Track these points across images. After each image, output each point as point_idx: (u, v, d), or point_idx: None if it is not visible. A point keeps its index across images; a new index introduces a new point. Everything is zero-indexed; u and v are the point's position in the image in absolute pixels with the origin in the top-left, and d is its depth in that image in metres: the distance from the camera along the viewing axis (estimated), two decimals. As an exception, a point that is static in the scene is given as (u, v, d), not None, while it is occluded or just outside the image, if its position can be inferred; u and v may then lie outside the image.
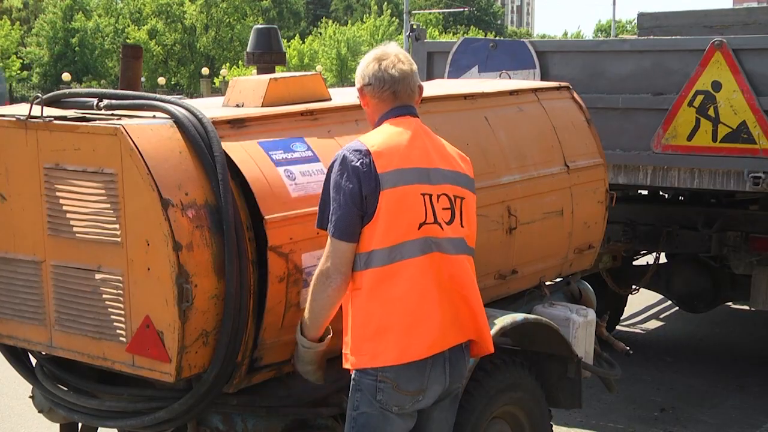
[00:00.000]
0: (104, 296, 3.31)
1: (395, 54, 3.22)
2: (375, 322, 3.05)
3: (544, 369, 4.42)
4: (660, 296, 8.28)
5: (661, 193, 7.39)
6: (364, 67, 3.24)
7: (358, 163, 3.03)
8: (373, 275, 3.05)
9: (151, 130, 3.23)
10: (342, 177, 3.05)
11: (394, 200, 3.04)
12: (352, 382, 3.15)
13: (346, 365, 3.14)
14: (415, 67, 3.27)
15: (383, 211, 3.03)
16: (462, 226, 3.21)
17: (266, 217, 3.25)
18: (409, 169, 3.09)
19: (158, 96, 3.54)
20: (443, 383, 3.17)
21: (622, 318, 8.01)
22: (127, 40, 47.02)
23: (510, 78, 6.48)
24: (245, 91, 3.85)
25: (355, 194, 3.03)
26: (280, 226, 3.28)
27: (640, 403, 6.30)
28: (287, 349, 3.42)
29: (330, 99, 4.01)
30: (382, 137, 3.13)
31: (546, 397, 4.38)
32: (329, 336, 3.25)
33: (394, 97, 3.21)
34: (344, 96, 4.16)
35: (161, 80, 46.43)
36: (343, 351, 3.15)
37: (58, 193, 3.37)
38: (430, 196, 3.12)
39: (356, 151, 3.07)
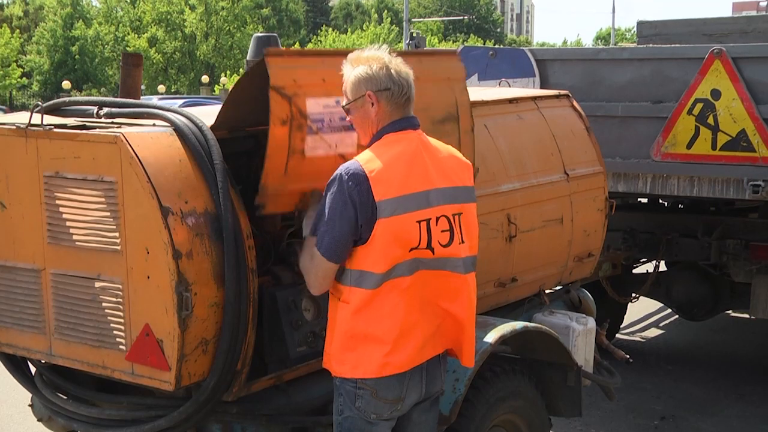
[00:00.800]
0: (104, 304, 3.30)
1: (396, 59, 3.13)
2: (359, 336, 3.06)
3: (543, 377, 4.41)
4: (660, 304, 8.28)
5: (660, 201, 7.39)
6: (374, 72, 3.07)
7: (355, 190, 2.96)
8: (363, 295, 3.03)
9: (151, 138, 3.23)
10: (338, 200, 2.98)
11: (390, 229, 3.00)
12: (334, 386, 3.17)
13: (326, 366, 3.17)
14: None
15: (378, 238, 2.99)
16: (463, 242, 3.18)
17: (267, 56, 3.13)
18: (407, 195, 3.03)
19: (158, 104, 3.55)
20: (420, 392, 3.19)
21: (621, 326, 8.00)
22: (128, 48, 47.02)
23: (509, 86, 6.49)
24: (245, 99, 3.84)
25: (351, 220, 2.98)
26: (283, 66, 3.18)
27: (639, 412, 6.29)
28: (291, 200, 3.40)
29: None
30: (382, 160, 3.03)
31: (546, 405, 4.37)
32: None
33: (408, 103, 3.13)
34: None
35: (161, 88, 46.45)
36: (325, 350, 3.17)
37: (57, 201, 3.37)
38: (428, 221, 3.07)
39: (354, 175, 2.98)
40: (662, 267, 7.28)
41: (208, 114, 3.71)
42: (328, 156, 3.40)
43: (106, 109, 3.56)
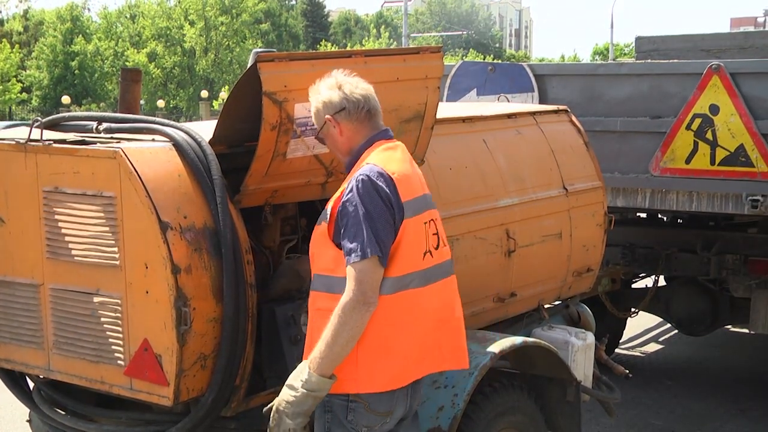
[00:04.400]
0: (102, 319, 3.30)
1: (349, 79, 3.11)
2: (371, 348, 2.97)
3: (543, 393, 4.40)
4: (659, 319, 8.26)
5: (659, 216, 7.39)
6: (327, 97, 3.07)
7: (387, 190, 2.93)
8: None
9: (150, 154, 3.24)
10: (372, 202, 2.91)
11: (410, 230, 2.99)
12: (321, 402, 3.05)
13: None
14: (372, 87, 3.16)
15: (402, 240, 2.97)
16: (445, 245, 3.17)
17: (259, 62, 3.15)
18: (417, 198, 3.05)
19: (157, 119, 3.56)
20: (405, 406, 3.12)
21: (621, 341, 8.00)
22: (127, 63, 47.11)
23: (508, 101, 6.50)
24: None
25: (390, 219, 2.93)
26: (274, 71, 3.19)
27: (639, 427, 6.27)
28: (263, 196, 3.48)
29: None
30: (396, 163, 3.03)
31: (545, 421, 4.36)
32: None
33: (370, 115, 3.09)
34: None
35: (160, 103, 46.51)
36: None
37: (57, 217, 3.37)
38: (427, 223, 3.08)
39: (380, 175, 2.95)
40: (661, 282, 7.28)
41: (207, 129, 3.73)
42: (305, 157, 3.44)
43: (105, 125, 3.57)
